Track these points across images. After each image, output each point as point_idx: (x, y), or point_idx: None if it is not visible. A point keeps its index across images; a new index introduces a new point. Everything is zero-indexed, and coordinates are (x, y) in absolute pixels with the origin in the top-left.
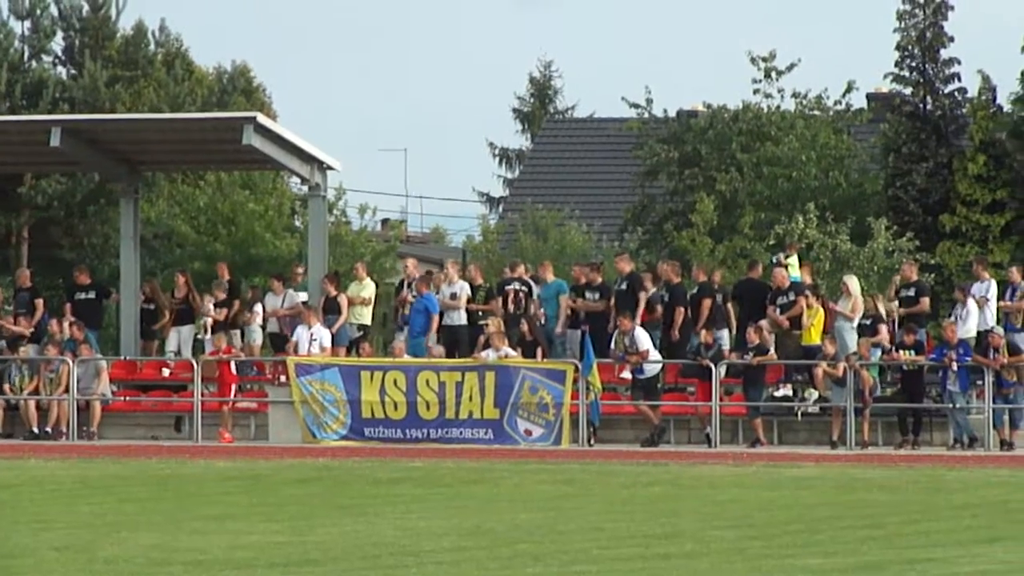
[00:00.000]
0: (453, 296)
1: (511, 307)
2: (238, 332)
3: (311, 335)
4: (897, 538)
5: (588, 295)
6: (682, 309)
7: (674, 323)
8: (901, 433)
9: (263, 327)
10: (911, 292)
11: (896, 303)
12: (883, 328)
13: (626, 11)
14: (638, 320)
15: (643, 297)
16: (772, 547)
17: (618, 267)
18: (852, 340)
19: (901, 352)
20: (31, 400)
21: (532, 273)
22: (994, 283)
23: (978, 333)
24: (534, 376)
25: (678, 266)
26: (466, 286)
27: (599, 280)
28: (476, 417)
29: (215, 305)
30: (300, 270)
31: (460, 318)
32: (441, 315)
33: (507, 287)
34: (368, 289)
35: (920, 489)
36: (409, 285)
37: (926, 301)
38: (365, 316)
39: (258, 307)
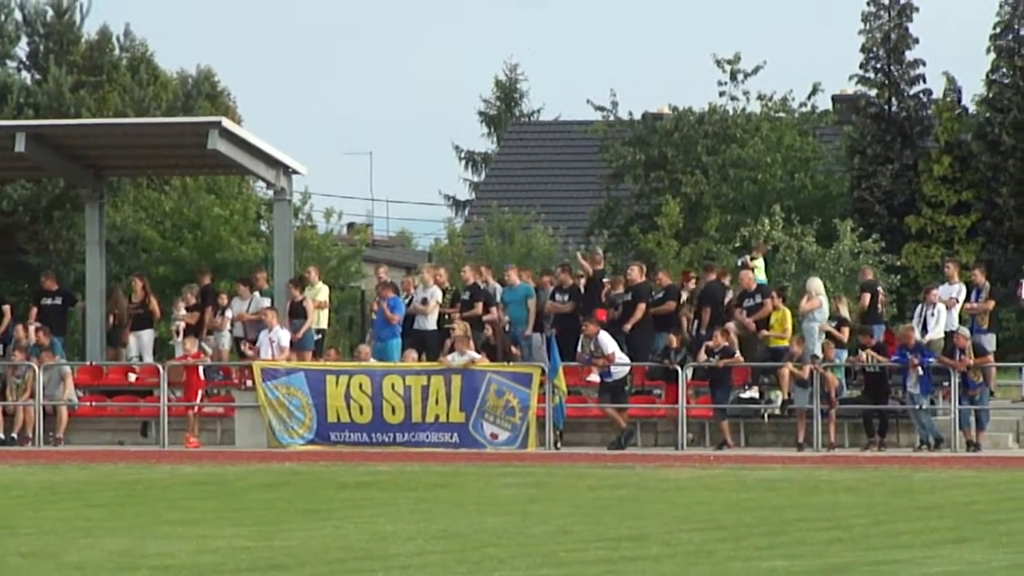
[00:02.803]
0: (424, 301)
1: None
2: (210, 337)
3: (270, 337)
4: (863, 539)
5: (558, 297)
6: (642, 306)
7: (631, 318)
8: (867, 435)
9: (231, 331)
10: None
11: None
12: (847, 330)
13: (591, 14)
14: (592, 307)
15: (601, 294)
16: (739, 549)
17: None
18: (818, 341)
19: (862, 354)
20: None
21: (498, 277)
22: (964, 286)
23: (944, 334)
24: (500, 380)
25: (643, 265)
26: (438, 291)
27: (569, 282)
28: (442, 421)
29: (186, 309)
30: (263, 275)
31: (430, 323)
32: (413, 319)
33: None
34: (322, 293)
35: (886, 491)
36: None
37: (866, 298)
38: (321, 320)
39: (228, 312)
